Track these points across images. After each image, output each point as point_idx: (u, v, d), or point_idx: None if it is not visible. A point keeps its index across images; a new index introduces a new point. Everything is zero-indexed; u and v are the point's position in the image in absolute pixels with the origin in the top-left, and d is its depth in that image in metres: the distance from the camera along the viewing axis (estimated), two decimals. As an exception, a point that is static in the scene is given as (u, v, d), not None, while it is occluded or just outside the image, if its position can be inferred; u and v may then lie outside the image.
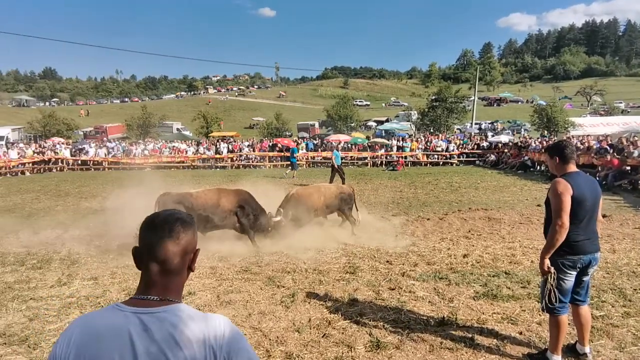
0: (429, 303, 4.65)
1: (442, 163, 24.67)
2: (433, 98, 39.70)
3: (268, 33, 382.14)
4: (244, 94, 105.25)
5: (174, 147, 27.60)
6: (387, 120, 52.47)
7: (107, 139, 35.31)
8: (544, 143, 20.21)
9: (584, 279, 3.33)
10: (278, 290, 5.12)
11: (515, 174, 18.75)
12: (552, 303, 3.22)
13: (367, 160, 25.21)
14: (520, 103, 73.80)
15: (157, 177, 15.16)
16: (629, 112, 51.67)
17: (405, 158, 24.87)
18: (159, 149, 27.17)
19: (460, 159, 24.97)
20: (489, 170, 20.98)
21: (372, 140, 28.87)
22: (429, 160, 24.99)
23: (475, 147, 25.79)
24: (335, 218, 8.69)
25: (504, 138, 27.77)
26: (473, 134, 32.51)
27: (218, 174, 21.58)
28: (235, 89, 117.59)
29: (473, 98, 37.61)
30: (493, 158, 23.61)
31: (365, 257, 6.47)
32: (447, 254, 6.50)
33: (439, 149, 25.60)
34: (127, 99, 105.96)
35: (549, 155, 3.41)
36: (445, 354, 3.57)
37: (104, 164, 25.16)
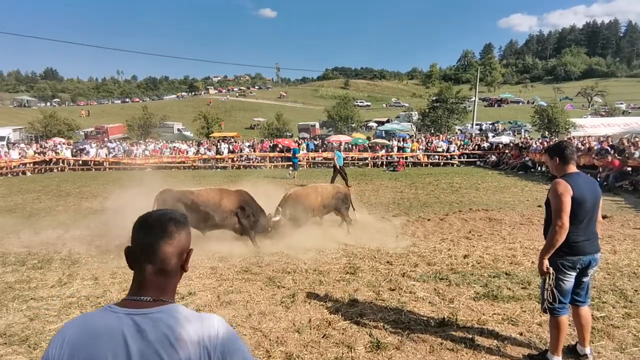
0: (430, 304, 4.65)
1: (442, 164, 24.66)
2: (434, 99, 39.66)
3: (269, 34, 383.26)
4: (245, 95, 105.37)
5: (175, 147, 27.62)
6: (387, 121, 52.43)
7: (108, 140, 35.36)
8: (545, 144, 20.19)
9: (584, 280, 3.32)
10: (278, 291, 5.12)
11: (516, 175, 18.74)
12: (551, 303, 3.22)
13: (367, 161, 25.22)
14: (521, 104, 73.75)
15: (157, 177, 15.17)
16: (630, 113, 51.60)
17: (406, 159, 24.88)
18: (160, 150, 27.20)
19: (461, 160, 24.98)
20: (490, 171, 20.96)
21: (372, 141, 28.86)
22: (430, 161, 24.99)
23: (476, 147, 25.79)
24: (336, 218, 8.69)
25: (505, 139, 27.78)
26: (474, 135, 32.49)
27: (219, 175, 21.59)
28: (236, 90, 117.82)
29: (474, 99, 37.57)
30: (494, 159, 23.59)
31: (366, 257, 6.46)
32: (447, 255, 6.50)
33: (440, 150, 25.60)
34: (128, 100, 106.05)
35: (549, 156, 3.40)
36: (446, 355, 3.57)
37: (105, 164, 25.19)
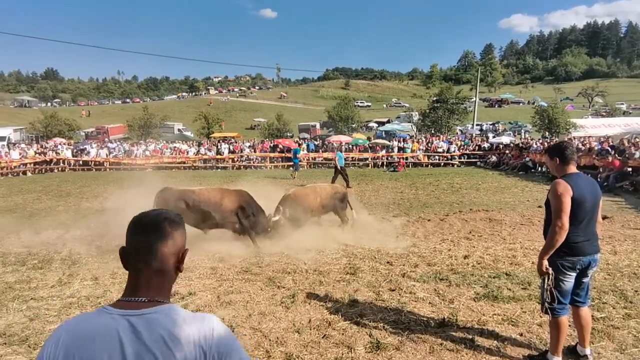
0: (430, 304, 4.65)
1: (443, 164, 24.66)
2: (434, 99, 39.66)
3: (269, 34, 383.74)
4: (245, 95, 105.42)
5: (175, 147, 27.64)
6: (388, 121, 52.46)
7: (108, 140, 35.38)
8: (545, 144, 20.18)
9: (584, 281, 3.32)
10: (278, 291, 5.12)
11: (517, 175, 18.73)
12: (550, 304, 3.22)
13: (368, 161, 25.22)
14: (522, 104, 73.75)
15: (158, 177, 15.18)
16: (631, 113, 51.58)
17: (406, 159, 24.88)
18: (160, 150, 27.22)
19: (462, 160, 24.97)
20: (490, 172, 20.95)
21: (373, 141, 28.85)
22: (430, 161, 24.99)
23: (477, 148, 25.78)
24: (335, 219, 8.69)
25: (505, 139, 27.80)
26: (474, 135, 32.48)
27: (219, 175, 21.60)
28: (237, 90, 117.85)
29: (474, 99, 37.58)
30: (494, 159, 23.57)
31: (366, 258, 6.46)
32: (447, 255, 6.49)
33: (440, 150, 25.60)
34: (128, 100, 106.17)
35: (549, 156, 3.40)
36: (446, 355, 3.57)
37: (106, 165, 25.20)
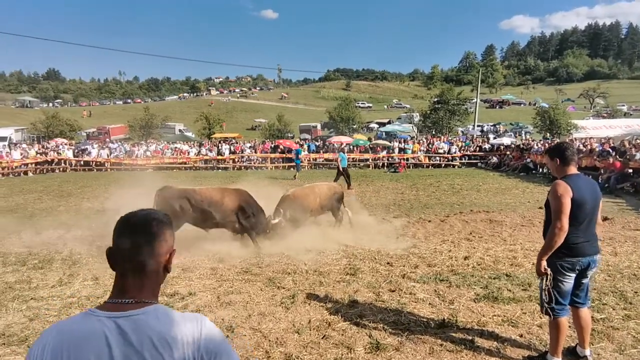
0: (430, 305, 4.64)
1: (443, 165, 24.65)
2: (435, 100, 39.68)
3: (270, 35, 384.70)
4: (246, 96, 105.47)
5: (176, 148, 27.67)
6: (389, 122, 52.46)
7: (109, 140, 35.42)
8: (546, 145, 20.16)
9: (583, 282, 3.32)
10: (278, 292, 5.12)
11: (518, 177, 18.71)
12: (548, 303, 3.22)
13: (368, 162, 25.22)
14: (523, 105, 73.70)
15: (159, 178, 15.20)
16: (632, 114, 51.57)
17: (407, 160, 24.86)
18: (161, 150, 27.25)
19: (462, 161, 24.95)
20: (491, 173, 20.93)
21: (373, 142, 28.86)
22: (431, 162, 24.97)
23: (477, 149, 25.76)
24: (332, 218, 8.70)
25: (506, 140, 27.75)
26: (475, 136, 32.45)
27: (220, 175, 21.62)
28: (238, 91, 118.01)
29: (475, 100, 37.61)
30: (495, 160, 23.55)
31: (366, 258, 6.46)
32: (448, 256, 6.49)
33: (441, 151, 25.57)
34: (129, 100, 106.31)
35: (550, 157, 3.40)
36: (445, 356, 3.56)
37: (107, 165, 25.23)
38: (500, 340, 3.79)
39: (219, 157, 25.84)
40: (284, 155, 25.70)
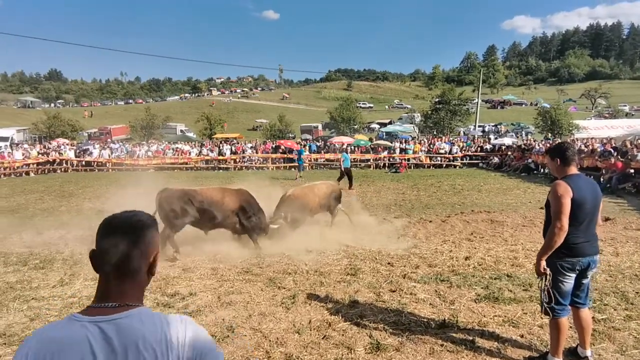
0: (430, 305, 4.64)
1: (445, 165, 24.63)
2: (436, 100, 39.71)
3: (272, 35, 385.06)
4: (248, 96, 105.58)
5: (178, 148, 27.73)
6: (390, 123, 52.50)
7: (111, 140, 35.52)
8: (548, 146, 20.12)
9: (584, 282, 3.31)
10: (279, 292, 5.12)
11: (519, 177, 18.69)
12: (548, 303, 3.21)
13: (370, 162, 25.21)
14: (524, 106, 73.63)
15: (160, 178, 15.22)
16: (633, 115, 51.45)
17: (408, 160, 24.85)
18: (163, 151, 27.30)
19: (464, 162, 24.93)
20: (492, 173, 20.91)
21: (375, 143, 28.87)
22: (432, 163, 24.96)
23: (479, 149, 25.74)
24: (338, 220, 8.69)
25: (508, 140, 27.74)
26: (476, 137, 32.43)
27: (221, 176, 21.64)
28: (239, 91, 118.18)
29: (476, 100, 37.55)
30: (496, 160, 23.54)
31: (367, 259, 6.45)
32: (449, 257, 6.47)
33: (442, 151, 25.56)
34: (131, 101, 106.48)
35: (550, 157, 3.39)
36: (446, 357, 3.56)
37: (108, 165, 25.29)
38: (501, 341, 3.78)
39: (220, 157, 25.86)
40: (285, 156, 25.72)
